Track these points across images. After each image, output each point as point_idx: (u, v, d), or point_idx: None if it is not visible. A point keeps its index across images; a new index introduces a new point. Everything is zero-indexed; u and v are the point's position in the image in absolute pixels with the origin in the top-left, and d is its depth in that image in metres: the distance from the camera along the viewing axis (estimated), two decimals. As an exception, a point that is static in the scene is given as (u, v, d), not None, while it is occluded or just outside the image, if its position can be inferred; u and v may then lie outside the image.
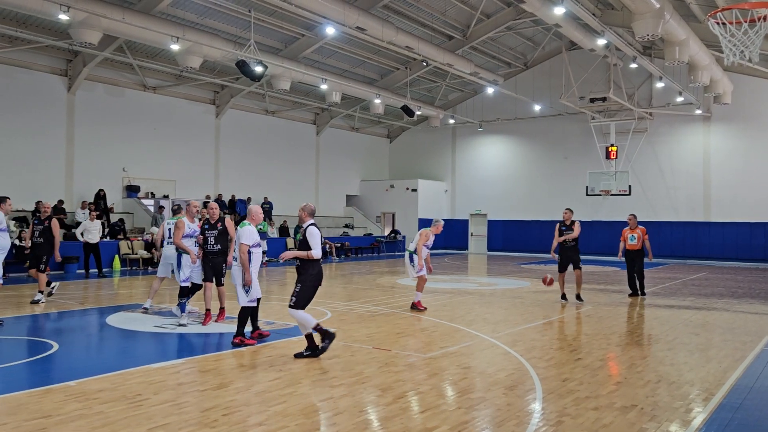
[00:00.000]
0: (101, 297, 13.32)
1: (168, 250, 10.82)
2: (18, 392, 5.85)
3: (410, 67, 28.11)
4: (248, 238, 7.89)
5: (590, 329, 9.91)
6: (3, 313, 10.73)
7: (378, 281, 17.21)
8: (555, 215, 31.12)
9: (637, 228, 13.76)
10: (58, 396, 5.74)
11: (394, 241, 32.24)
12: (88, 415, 5.19)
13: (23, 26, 19.07)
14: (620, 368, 7.29)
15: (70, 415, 5.20)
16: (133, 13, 18.02)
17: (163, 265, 10.95)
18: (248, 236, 7.89)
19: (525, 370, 6.95)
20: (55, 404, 5.48)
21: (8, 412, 5.25)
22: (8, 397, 5.68)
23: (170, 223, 10.92)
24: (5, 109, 19.91)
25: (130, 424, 5.01)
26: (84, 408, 5.38)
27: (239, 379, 6.47)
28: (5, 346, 8.36)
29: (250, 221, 8.06)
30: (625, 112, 28.60)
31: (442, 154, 35.47)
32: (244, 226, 7.95)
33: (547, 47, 29.54)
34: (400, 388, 6.15)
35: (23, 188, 19.92)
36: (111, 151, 22.76)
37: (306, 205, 7.72)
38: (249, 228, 7.95)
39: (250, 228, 7.96)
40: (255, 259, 8.00)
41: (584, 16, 18.34)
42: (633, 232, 13.71)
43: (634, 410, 5.55)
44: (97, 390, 5.95)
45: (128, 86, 23.54)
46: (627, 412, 5.51)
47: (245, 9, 20.75)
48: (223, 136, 27.20)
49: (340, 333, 9.03)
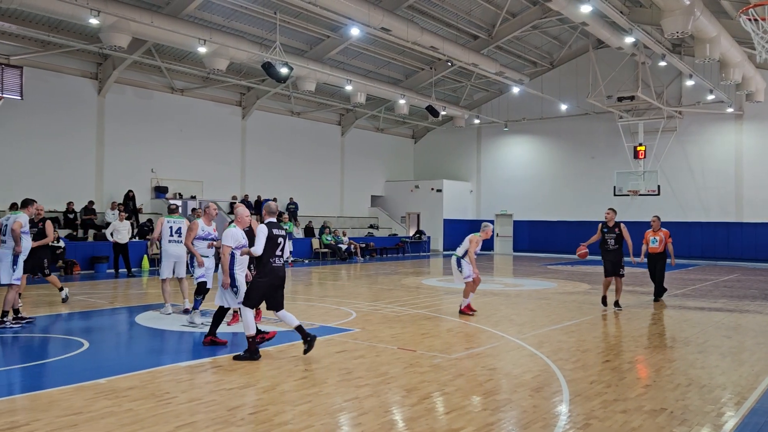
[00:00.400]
0: (130, 296, 13.53)
1: (171, 248, 10.82)
2: (50, 389, 5.97)
3: (435, 67, 28.04)
4: (232, 240, 7.76)
5: (618, 331, 9.78)
6: (35, 312, 10.96)
7: (403, 282, 17.20)
8: (582, 215, 30.84)
9: (660, 230, 13.23)
10: (88, 393, 5.84)
11: (419, 241, 32.19)
12: (118, 413, 5.28)
13: (55, 31, 19.47)
14: (649, 371, 7.17)
15: (100, 412, 5.29)
16: (162, 17, 18.30)
17: (166, 266, 10.85)
18: (232, 238, 7.77)
19: (551, 372, 6.88)
20: (85, 401, 5.58)
21: (41, 408, 5.36)
22: (41, 394, 5.80)
23: (170, 221, 10.98)
24: (38, 112, 20.34)
25: (158, 421, 5.07)
26: (114, 405, 5.47)
27: (265, 378, 6.51)
28: (38, 344, 8.55)
29: (236, 224, 7.99)
30: (653, 111, 28.16)
31: (467, 155, 35.31)
32: (229, 228, 7.94)
33: (573, 46, 29.23)
34: (426, 389, 6.13)
35: (55, 189, 20.35)
36: (140, 152, 23.12)
37: (267, 204, 7.66)
38: (233, 230, 7.85)
39: (234, 230, 7.85)
40: (239, 262, 7.88)
41: (612, 14, 18.11)
42: (655, 234, 13.18)
43: (663, 414, 5.46)
44: (126, 388, 6.05)
45: (156, 89, 23.89)
46: (656, 415, 5.42)
47: (271, 11, 20.91)
48: (249, 138, 27.44)
49: (365, 333, 9.05)
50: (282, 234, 7.45)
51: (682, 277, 19.50)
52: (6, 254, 9.51)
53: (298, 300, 12.92)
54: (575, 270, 22.05)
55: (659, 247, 13.13)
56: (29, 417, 5.12)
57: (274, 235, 7.35)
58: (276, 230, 7.40)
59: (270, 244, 7.29)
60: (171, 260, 10.84)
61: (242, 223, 8.02)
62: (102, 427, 4.94)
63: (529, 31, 26.57)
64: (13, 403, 5.51)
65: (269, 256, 7.32)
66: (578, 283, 17.37)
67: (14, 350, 8.25)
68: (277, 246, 7.38)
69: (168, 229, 10.86)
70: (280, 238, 7.41)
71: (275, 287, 7.45)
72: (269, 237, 7.28)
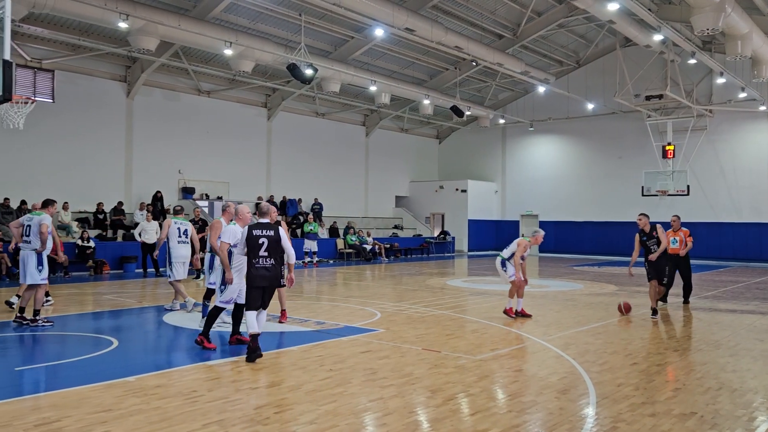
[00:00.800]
0: (158, 295, 13.72)
1: (181, 249, 10.95)
2: (81, 386, 6.08)
3: (459, 67, 27.94)
4: (230, 237, 7.80)
5: (646, 333, 9.64)
6: (66, 311, 11.18)
7: (427, 282, 17.17)
8: (609, 216, 30.49)
9: (680, 230, 12.78)
10: (118, 391, 5.94)
11: (443, 242, 32.10)
12: (146, 410, 5.35)
13: (85, 35, 19.84)
14: (678, 374, 7.05)
15: (129, 409, 5.38)
16: (189, 20, 18.54)
17: (178, 267, 10.95)
18: (230, 235, 7.81)
19: (578, 374, 6.81)
20: (115, 399, 5.68)
21: (72, 405, 5.46)
22: (72, 391, 5.91)
23: (177, 222, 11.09)
24: (68, 114, 20.75)
25: (186, 419, 5.14)
26: (142, 403, 5.56)
27: (290, 377, 6.55)
28: (70, 342, 8.72)
29: (236, 221, 7.98)
30: (683, 110, 27.69)
31: (492, 155, 35.12)
32: (229, 225, 7.96)
33: (600, 44, 28.89)
34: (450, 390, 6.11)
35: (85, 190, 20.75)
36: (167, 153, 23.45)
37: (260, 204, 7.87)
38: (233, 227, 7.88)
39: (234, 227, 7.88)
40: (235, 260, 7.80)
41: (639, 11, 17.85)
42: (675, 234, 12.70)
43: (693, 418, 5.37)
44: (154, 386, 6.14)
45: (184, 91, 24.20)
46: (686, 419, 5.33)
47: (296, 13, 21.04)
48: (274, 139, 27.64)
49: (389, 333, 9.05)
50: (265, 235, 7.30)
51: (713, 278, 19.14)
52: (30, 255, 9.55)
53: (323, 300, 12.98)
54: (602, 271, 21.78)
55: (679, 247, 12.66)
56: (60, 413, 5.22)
57: (254, 236, 7.27)
58: (258, 231, 7.31)
59: (250, 244, 7.26)
60: (181, 261, 11.02)
61: (243, 221, 7.96)
62: (131, 424, 5.01)
63: (555, 30, 26.33)
64: (45, 400, 5.62)
65: (250, 257, 7.29)
66: (605, 284, 17.16)
67: (46, 348, 8.43)
68: (259, 247, 7.26)
69: (176, 230, 11.00)
70: (262, 239, 7.27)
71: (258, 288, 7.32)
72: (247, 237, 7.28)
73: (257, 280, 7.28)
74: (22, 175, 19.45)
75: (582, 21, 25.34)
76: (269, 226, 7.44)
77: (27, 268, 9.51)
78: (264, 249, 7.27)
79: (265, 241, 7.29)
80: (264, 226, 7.41)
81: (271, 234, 7.34)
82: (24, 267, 9.56)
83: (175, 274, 11.02)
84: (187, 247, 11.08)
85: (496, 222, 34.79)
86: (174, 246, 10.97)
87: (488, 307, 12.22)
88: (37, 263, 9.52)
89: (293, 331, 9.36)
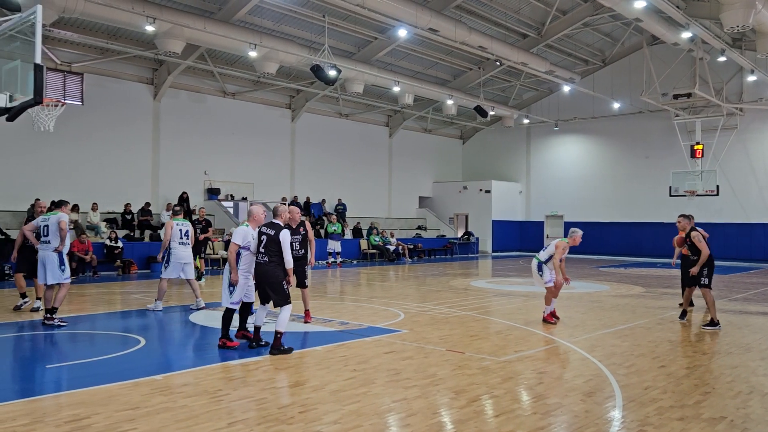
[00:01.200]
0: (184, 295, 13.88)
1: (181, 250, 11.05)
2: (109, 384, 6.17)
3: (483, 67, 27.81)
4: (240, 238, 7.83)
5: (674, 336, 9.48)
6: (95, 310, 11.36)
7: (451, 283, 17.11)
8: (635, 217, 30.10)
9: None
10: (145, 389, 6.02)
11: (467, 242, 31.98)
12: (173, 408, 5.42)
13: (113, 38, 20.18)
14: (708, 377, 6.93)
15: (156, 407, 5.45)
16: (214, 23, 18.75)
17: (175, 267, 11.06)
18: (240, 236, 7.84)
19: (604, 377, 6.73)
20: (142, 397, 5.76)
21: (101, 402, 5.55)
22: (101, 389, 6.01)
23: (178, 223, 11.21)
24: (97, 116, 21.12)
25: (211, 418, 5.19)
26: (169, 401, 5.62)
27: (314, 377, 6.58)
28: (98, 341, 8.87)
29: (249, 222, 8.00)
30: (712, 108, 27.20)
31: (516, 155, 34.89)
32: (240, 226, 8.01)
33: (626, 43, 28.53)
34: (474, 392, 6.08)
35: (113, 191, 21.10)
36: (193, 154, 23.73)
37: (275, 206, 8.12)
38: (244, 228, 7.92)
39: (245, 229, 7.91)
40: (245, 261, 7.89)
41: (667, 8, 17.60)
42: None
43: (723, 422, 5.27)
44: (181, 384, 6.21)
45: (209, 93, 24.47)
46: (715, 424, 5.23)
47: (319, 14, 21.14)
48: (298, 140, 27.80)
49: (413, 334, 9.04)
50: (266, 233, 7.60)
51: (744, 280, 18.77)
52: (51, 255, 9.52)
53: (347, 300, 13.01)
54: (628, 273, 21.50)
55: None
56: (90, 410, 5.31)
57: (259, 233, 7.65)
58: (264, 228, 7.67)
59: (258, 242, 7.69)
60: (180, 262, 11.10)
61: (256, 222, 8.00)
62: (158, 422, 5.08)
63: (580, 29, 26.07)
64: (75, 397, 5.72)
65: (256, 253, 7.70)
66: (632, 286, 16.93)
67: (76, 346, 8.59)
68: (260, 243, 7.63)
69: (177, 231, 11.12)
70: (264, 236, 7.60)
71: (258, 283, 7.74)
72: (257, 235, 7.69)
73: (257, 275, 7.74)
74: (51, 176, 19.85)
75: (608, 19, 25.04)
76: (273, 226, 7.68)
77: (49, 268, 9.49)
78: (263, 246, 7.61)
79: (265, 239, 7.62)
80: (270, 226, 7.69)
81: (271, 233, 7.60)
82: (44, 268, 9.53)
83: (167, 273, 11.10)
84: (187, 248, 11.24)
85: (520, 223, 34.55)
86: (175, 247, 11.08)
87: (512, 308, 12.14)
88: (59, 263, 9.50)
89: (317, 331, 9.40)
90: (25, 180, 19.23)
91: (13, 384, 6.57)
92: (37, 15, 6.87)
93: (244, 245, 7.85)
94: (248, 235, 7.86)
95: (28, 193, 18.25)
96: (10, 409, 5.38)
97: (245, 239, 7.85)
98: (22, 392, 6.12)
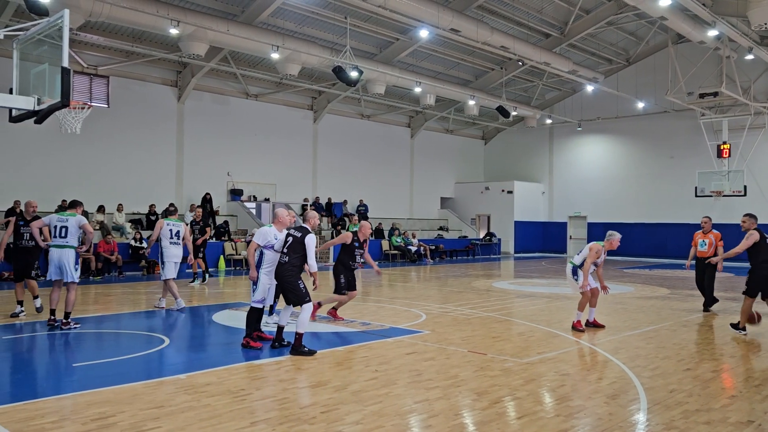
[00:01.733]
0: (207, 295, 14.02)
1: (172, 250, 11.26)
2: (134, 383, 6.26)
3: (505, 67, 27.66)
4: (260, 237, 7.97)
5: (700, 338, 9.34)
6: (120, 309, 11.52)
7: (473, 284, 17.04)
8: (660, 217, 29.67)
9: (711, 232, 12.15)
10: (169, 388, 6.10)
11: (489, 243, 31.82)
12: (197, 407, 5.48)
13: (138, 41, 20.46)
14: (735, 381, 6.81)
15: (180, 406, 5.51)
16: (237, 25, 18.91)
17: (170, 266, 11.23)
18: (261, 236, 7.97)
19: (628, 379, 6.65)
20: (167, 395, 5.83)
21: (126, 401, 5.63)
22: (126, 387, 6.09)
23: (170, 223, 11.37)
24: (122, 119, 21.43)
25: (234, 417, 5.24)
26: (193, 400, 5.69)
27: (336, 378, 6.60)
28: (124, 340, 9.00)
29: (274, 224, 8.08)
30: (739, 107, 26.73)
31: (538, 155, 34.63)
32: (264, 227, 8.13)
33: (651, 42, 28.15)
34: (496, 393, 6.06)
35: (138, 192, 21.39)
36: (216, 156, 23.96)
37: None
38: (266, 228, 8.05)
39: (267, 229, 8.05)
40: (267, 261, 7.96)
41: (693, 6, 17.33)
42: (705, 237, 12.12)
43: (750, 426, 5.18)
44: (204, 383, 6.27)
45: (232, 94, 24.69)
46: (742, 428, 5.14)
47: (341, 16, 21.22)
48: (320, 141, 27.92)
49: (435, 335, 9.03)
50: (293, 234, 7.76)
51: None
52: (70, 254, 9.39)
53: (369, 301, 13.02)
54: (653, 274, 21.22)
55: (708, 250, 12.04)
56: (115, 409, 5.39)
57: (287, 235, 7.81)
58: (291, 231, 7.83)
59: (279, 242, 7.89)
60: (173, 260, 11.30)
61: (281, 224, 8.09)
62: (182, 420, 5.14)
63: (604, 28, 25.79)
64: (101, 395, 5.81)
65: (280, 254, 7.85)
66: (657, 287, 16.71)
67: (102, 345, 8.73)
68: (285, 243, 7.80)
69: (168, 231, 11.32)
70: (290, 237, 7.77)
71: (278, 283, 7.94)
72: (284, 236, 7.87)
73: (275, 275, 7.90)
74: (78, 177, 20.19)
75: (632, 18, 24.73)
76: (301, 229, 7.84)
77: (67, 267, 9.32)
78: (287, 246, 7.75)
79: (291, 240, 7.77)
80: (298, 229, 7.85)
81: (298, 236, 7.76)
82: (58, 267, 9.33)
83: (166, 273, 11.35)
84: (178, 247, 11.46)
85: (543, 224, 34.28)
86: (166, 246, 11.30)
87: (535, 309, 12.05)
88: (75, 262, 9.44)
89: (339, 331, 9.44)
90: (53, 181, 19.59)
91: (42, 382, 6.71)
92: (65, 19, 6.98)
93: (263, 244, 7.96)
94: (269, 235, 7.96)
95: (56, 194, 18.56)
96: (39, 406, 5.49)
97: (265, 239, 7.96)
98: (50, 390, 6.24)
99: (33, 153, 19.33)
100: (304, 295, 7.70)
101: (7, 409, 5.41)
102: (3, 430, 4.86)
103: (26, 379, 6.83)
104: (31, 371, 7.25)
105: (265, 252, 8.00)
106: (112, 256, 17.91)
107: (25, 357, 7.83)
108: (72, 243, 9.45)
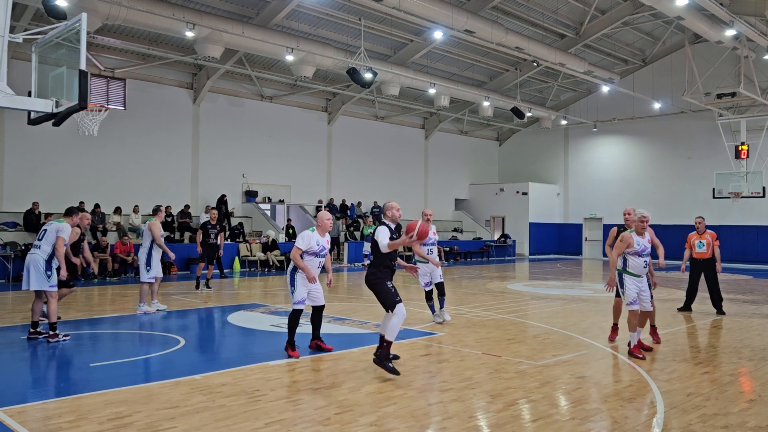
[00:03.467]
0: (223, 296, 14.09)
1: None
2: (150, 383, 6.32)
3: (520, 68, 27.56)
4: (303, 243, 7.66)
5: (718, 341, 9.23)
6: (136, 310, 11.61)
7: (488, 286, 16.98)
8: (678, 219, 29.34)
9: (706, 233, 12.02)
10: (185, 388, 6.13)
11: (504, 245, 31.70)
12: (212, 408, 5.51)
13: (154, 44, 20.64)
14: (754, 384, 6.72)
15: (195, 406, 5.55)
16: (252, 27, 19.02)
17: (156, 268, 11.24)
18: (304, 241, 7.67)
19: (644, 382, 6.59)
20: (182, 396, 5.87)
21: (142, 401, 5.68)
22: (141, 388, 6.15)
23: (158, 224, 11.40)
24: (139, 121, 21.63)
25: (249, 417, 5.26)
26: (208, 401, 5.72)
27: (350, 379, 6.60)
28: (140, 340, 9.07)
29: (317, 228, 7.84)
30: (757, 108, 26.42)
31: (553, 156, 34.44)
32: (306, 231, 7.87)
33: (667, 42, 27.90)
34: (511, 396, 6.03)
35: (153, 193, 21.53)
36: (232, 157, 24.11)
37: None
38: (309, 233, 7.76)
39: (309, 234, 7.75)
40: (308, 265, 7.66)
41: (710, 6, 17.17)
42: (701, 237, 11.97)
43: (770, 431, 5.11)
44: (219, 384, 6.31)
45: (247, 96, 24.83)
46: (762, 432, 5.07)
47: (355, 17, 21.26)
48: (334, 142, 27.98)
49: (449, 337, 9.01)
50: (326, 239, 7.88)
51: (791, 285, 18.16)
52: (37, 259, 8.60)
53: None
54: (670, 276, 21.01)
55: (707, 251, 11.90)
56: (131, 409, 5.44)
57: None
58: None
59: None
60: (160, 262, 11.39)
61: (322, 228, 7.82)
62: (197, 420, 5.17)
63: (620, 28, 25.61)
64: (117, 395, 5.86)
65: None
66: (673, 290, 16.55)
67: (118, 346, 8.80)
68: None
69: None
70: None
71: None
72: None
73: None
74: (95, 179, 20.41)
75: (648, 18, 24.54)
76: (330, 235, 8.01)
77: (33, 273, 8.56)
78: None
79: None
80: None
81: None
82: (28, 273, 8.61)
83: (156, 273, 11.24)
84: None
85: (558, 225, 34.09)
86: (154, 247, 11.27)
87: (550, 312, 11.98)
88: (45, 268, 8.58)
89: (353, 332, 9.45)
90: (70, 183, 19.81)
91: (60, 382, 6.78)
92: (82, 23, 7.06)
93: (306, 250, 7.67)
94: (311, 240, 7.69)
95: (73, 196, 18.78)
96: (57, 405, 5.55)
97: (308, 244, 7.68)
98: (67, 390, 6.31)
99: (51, 155, 19.57)
100: (390, 300, 6.95)
101: (26, 408, 5.48)
102: (21, 429, 4.92)
103: (44, 378, 6.90)
104: (48, 371, 7.33)
105: (305, 257, 7.71)
106: (129, 257, 18.07)
107: (43, 357, 7.92)
108: (45, 248, 8.62)
